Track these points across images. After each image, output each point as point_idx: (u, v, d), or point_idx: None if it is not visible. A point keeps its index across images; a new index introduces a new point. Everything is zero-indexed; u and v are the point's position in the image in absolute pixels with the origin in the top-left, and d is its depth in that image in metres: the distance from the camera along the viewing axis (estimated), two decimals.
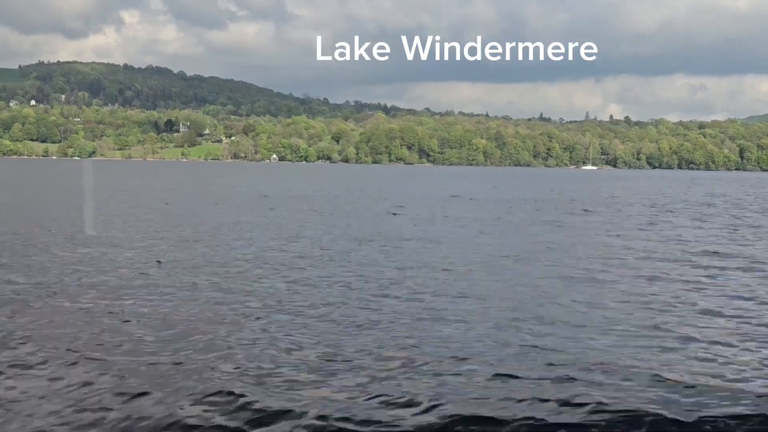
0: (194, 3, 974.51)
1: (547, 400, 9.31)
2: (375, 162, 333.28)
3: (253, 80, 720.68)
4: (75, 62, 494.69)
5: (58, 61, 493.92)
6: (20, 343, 11.78)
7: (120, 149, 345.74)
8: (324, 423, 8.56)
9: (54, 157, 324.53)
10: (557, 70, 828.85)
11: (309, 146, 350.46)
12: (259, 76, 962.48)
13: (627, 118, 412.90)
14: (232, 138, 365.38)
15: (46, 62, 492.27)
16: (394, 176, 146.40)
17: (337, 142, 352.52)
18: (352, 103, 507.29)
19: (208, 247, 24.93)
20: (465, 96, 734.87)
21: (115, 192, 62.60)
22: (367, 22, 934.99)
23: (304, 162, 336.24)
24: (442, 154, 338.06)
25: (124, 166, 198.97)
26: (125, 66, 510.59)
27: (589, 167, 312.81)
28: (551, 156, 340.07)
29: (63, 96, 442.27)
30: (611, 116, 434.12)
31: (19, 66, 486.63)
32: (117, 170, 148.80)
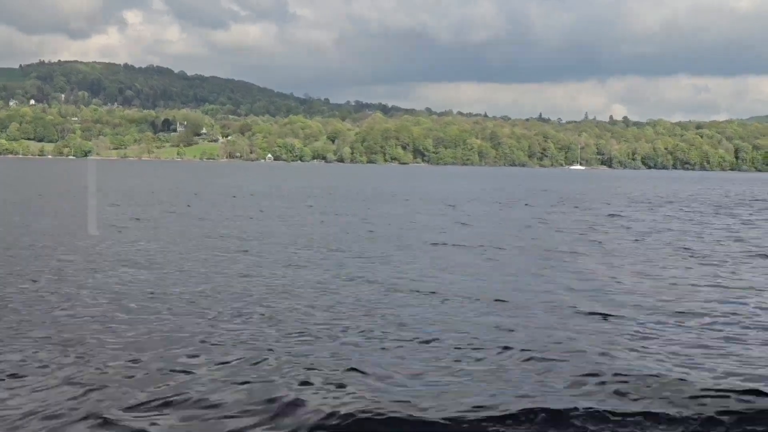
0: (197, 3, 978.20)
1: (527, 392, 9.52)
2: (370, 162, 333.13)
3: (256, 80, 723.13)
4: (76, 62, 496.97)
5: (59, 61, 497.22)
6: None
7: (116, 149, 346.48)
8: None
9: (50, 157, 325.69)
10: (561, 71, 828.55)
11: (305, 146, 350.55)
12: (262, 76, 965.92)
13: (625, 118, 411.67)
14: (229, 137, 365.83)
15: (47, 62, 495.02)
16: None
17: (333, 141, 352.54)
18: (353, 103, 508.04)
19: None
20: (470, 96, 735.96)
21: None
22: (370, 22, 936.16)
23: (299, 161, 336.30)
24: (437, 153, 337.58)
25: (124, 166, 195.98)
26: (126, 66, 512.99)
27: (577, 167, 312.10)
28: (546, 156, 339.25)
29: (63, 95, 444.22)
30: (611, 117, 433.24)
31: (20, 65, 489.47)
32: (129, 170, 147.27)
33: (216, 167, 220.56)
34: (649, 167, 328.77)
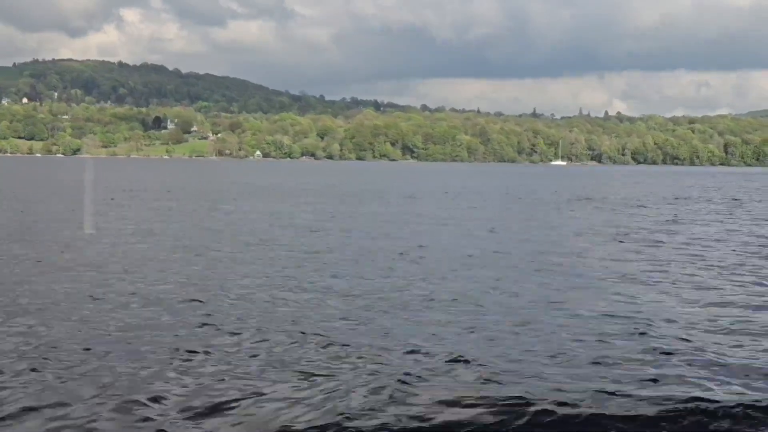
0: (194, 1, 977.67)
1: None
2: (359, 158, 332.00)
3: (253, 78, 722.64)
4: (70, 60, 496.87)
5: (53, 59, 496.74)
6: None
7: (105, 147, 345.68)
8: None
9: (38, 155, 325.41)
10: (561, 67, 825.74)
11: (294, 143, 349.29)
12: (259, 73, 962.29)
13: (619, 113, 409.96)
14: (219, 135, 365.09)
15: (41, 60, 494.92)
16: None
17: (322, 138, 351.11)
18: (349, 100, 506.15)
19: None
20: (469, 93, 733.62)
21: None
22: (368, 19, 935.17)
23: (288, 159, 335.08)
24: (425, 150, 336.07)
25: (114, 164, 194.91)
26: (120, 63, 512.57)
27: (558, 163, 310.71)
28: (535, 152, 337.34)
29: (56, 93, 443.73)
30: (606, 112, 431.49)
31: (14, 63, 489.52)
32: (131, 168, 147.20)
33: (211, 165, 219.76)
34: (639, 162, 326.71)
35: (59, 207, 40.53)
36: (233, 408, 8.77)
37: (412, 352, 11.00)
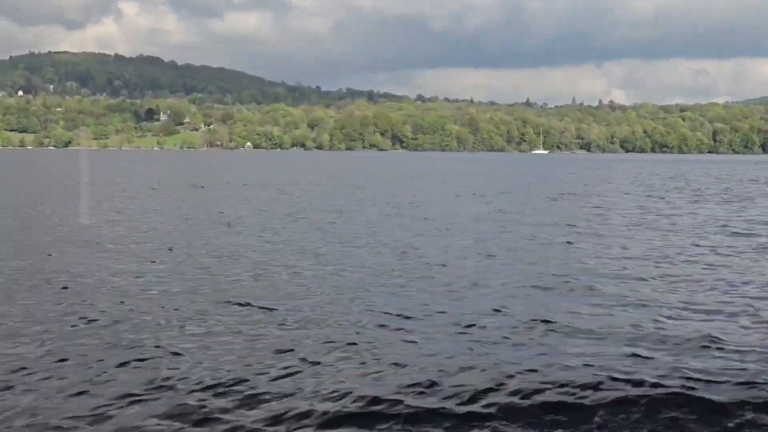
0: None
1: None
2: (348, 149, 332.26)
3: (250, 69, 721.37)
4: (65, 52, 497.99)
5: (49, 51, 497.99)
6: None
7: (96, 138, 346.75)
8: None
9: (29, 148, 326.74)
10: (559, 56, 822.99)
11: (285, 133, 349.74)
12: (257, 64, 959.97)
13: (611, 102, 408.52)
14: (210, 126, 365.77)
15: (36, 53, 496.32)
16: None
17: (312, 129, 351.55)
18: (344, 91, 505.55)
19: None
20: (468, 82, 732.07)
21: None
22: (366, 9, 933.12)
23: (279, 149, 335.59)
24: (415, 140, 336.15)
25: (113, 156, 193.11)
26: (116, 56, 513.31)
27: (539, 151, 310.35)
28: (525, 141, 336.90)
29: (51, 86, 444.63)
30: (600, 100, 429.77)
31: (10, 57, 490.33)
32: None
33: (206, 157, 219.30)
34: (628, 151, 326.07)
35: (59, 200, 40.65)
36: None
37: None
